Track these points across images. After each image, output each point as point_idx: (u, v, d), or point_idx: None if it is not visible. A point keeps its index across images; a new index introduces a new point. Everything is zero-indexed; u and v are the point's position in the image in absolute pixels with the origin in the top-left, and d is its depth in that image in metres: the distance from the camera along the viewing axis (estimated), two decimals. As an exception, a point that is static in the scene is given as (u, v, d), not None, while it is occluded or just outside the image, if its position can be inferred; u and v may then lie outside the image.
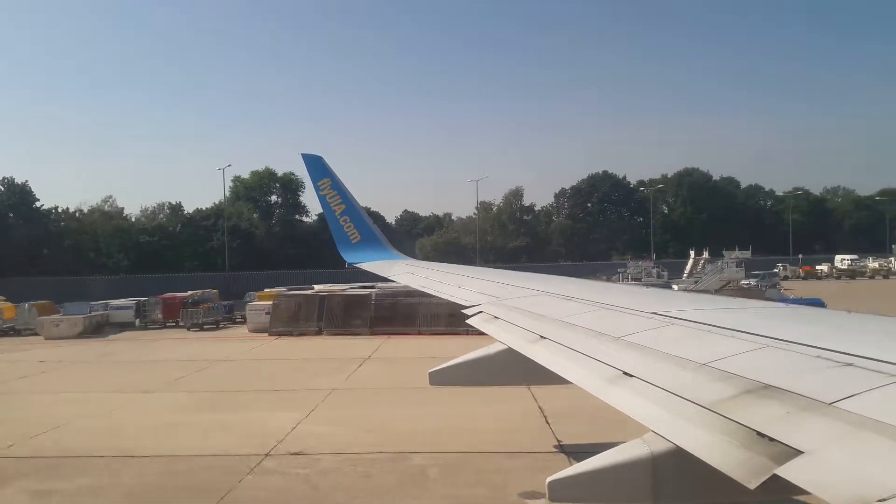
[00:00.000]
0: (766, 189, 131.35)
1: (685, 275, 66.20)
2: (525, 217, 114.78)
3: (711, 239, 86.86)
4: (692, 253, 75.45)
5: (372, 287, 40.78)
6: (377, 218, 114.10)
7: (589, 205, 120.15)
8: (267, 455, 13.92)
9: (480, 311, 7.73)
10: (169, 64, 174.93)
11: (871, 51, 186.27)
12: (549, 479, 4.08)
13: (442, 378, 8.78)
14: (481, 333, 26.73)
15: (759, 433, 2.74)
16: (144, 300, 44.13)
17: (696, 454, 2.91)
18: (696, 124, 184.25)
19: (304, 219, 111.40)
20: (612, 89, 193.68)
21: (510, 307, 7.46)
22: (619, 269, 69.01)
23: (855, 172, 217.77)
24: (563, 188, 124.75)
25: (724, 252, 74.04)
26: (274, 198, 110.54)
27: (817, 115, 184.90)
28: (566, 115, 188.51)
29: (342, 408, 18.32)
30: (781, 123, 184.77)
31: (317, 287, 44.18)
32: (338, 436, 15.30)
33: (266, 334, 35.59)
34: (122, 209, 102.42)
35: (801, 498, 2.84)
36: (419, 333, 33.12)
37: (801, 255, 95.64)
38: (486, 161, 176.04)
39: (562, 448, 13.72)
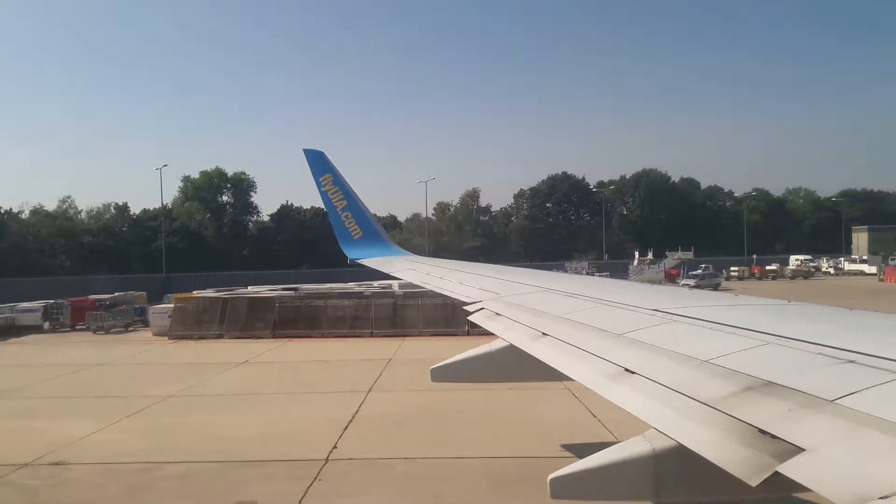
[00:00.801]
0: (726, 190, 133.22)
1: (630, 275, 68.73)
2: (482, 218, 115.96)
3: (670, 239, 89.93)
4: (636, 253, 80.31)
5: (295, 289, 40.57)
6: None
7: (549, 205, 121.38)
8: (25, 465, 13.37)
9: (482, 308, 7.72)
10: (123, 61, 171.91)
11: (839, 52, 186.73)
12: (550, 477, 4.08)
13: (443, 375, 8.79)
14: (386, 336, 29.35)
15: (760, 430, 2.74)
16: (53, 302, 42.52)
17: (697, 451, 2.91)
18: (660, 126, 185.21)
19: (256, 219, 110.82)
20: (573, 91, 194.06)
21: (512, 304, 7.45)
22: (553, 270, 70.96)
23: (817, 174, 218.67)
24: (521, 189, 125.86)
25: (667, 253, 78.14)
26: (225, 198, 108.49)
27: (780, 117, 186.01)
28: (528, 117, 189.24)
29: (158, 416, 17.77)
30: (746, 124, 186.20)
31: (250, 289, 43.37)
32: (119, 445, 14.84)
33: (167, 338, 34.61)
34: (79, 210, 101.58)
35: (803, 495, 2.85)
36: (322, 336, 32.73)
37: (755, 256, 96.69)
38: (446, 163, 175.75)
39: (328, 455, 13.45)
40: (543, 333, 5.57)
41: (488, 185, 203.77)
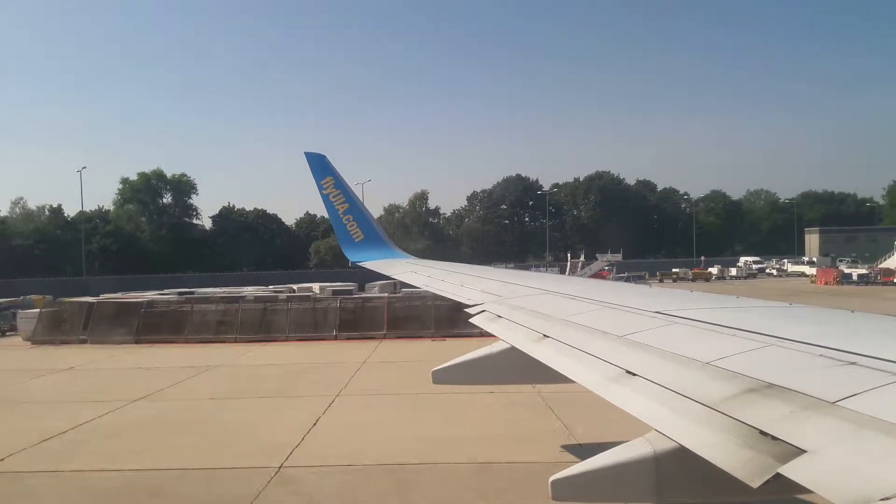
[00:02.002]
0: (681, 192, 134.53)
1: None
2: (431, 220, 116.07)
3: (622, 241, 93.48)
4: (569, 255, 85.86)
5: (191, 293, 40.53)
6: (275, 220, 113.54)
7: (504, 207, 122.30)
8: None
9: (483, 310, 7.73)
10: (67, 59, 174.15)
11: (803, 53, 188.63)
12: (552, 479, 4.08)
13: (445, 377, 8.79)
14: (252, 341, 28.77)
15: (762, 432, 2.74)
16: None
17: (699, 453, 2.91)
18: (625, 129, 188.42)
19: (196, 221, 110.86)
20: (532, 93, 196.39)
21: (513, 306, 7.46)
22: None
23: (779, 176, 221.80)
24: (474, 191, 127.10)
25: (597, 255, 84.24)
26: (166, 200, 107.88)
27: (744, 120, 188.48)
28: (485, 119, 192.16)
29: None
30: (710, 127, 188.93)
31: (149, 294, 42.79)
32: None
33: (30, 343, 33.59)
34: (28, 210, 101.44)
35: (805, 497, 2.85)
36: (186, 342, 31.95)
37: (703, 258, 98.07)
38: (400, 164, 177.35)
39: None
40: (544, 335, 5.57)
41: (446, 188, 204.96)
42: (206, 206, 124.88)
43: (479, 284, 10.04)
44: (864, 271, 73.13)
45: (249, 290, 41.64)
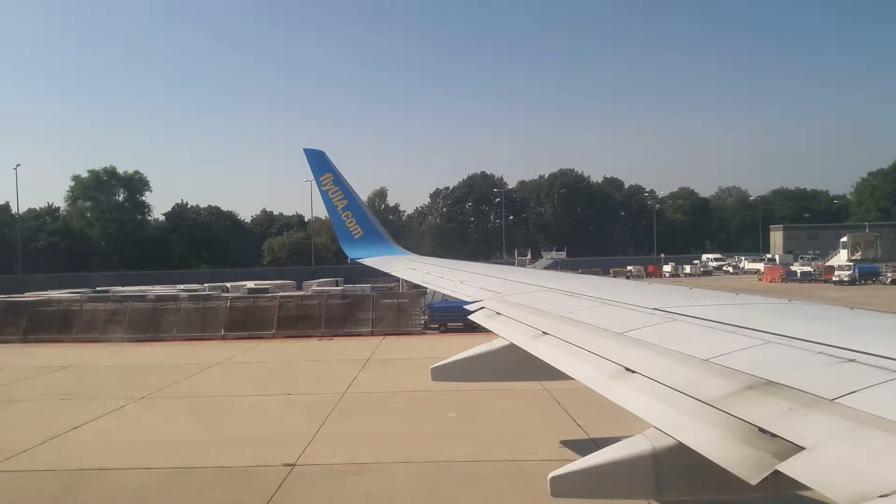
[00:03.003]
0: (647, 190, 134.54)
1: None
2: (391, 217, 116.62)
3: (587, 238, 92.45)
4: (516, 252, 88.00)
5: (105, 292, 40.57)
6: (229, 217, 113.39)
7: (469, 204, 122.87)
8: None
9: (482, 307, 7.72)
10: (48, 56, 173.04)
11: (780, 51, 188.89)
12: (551, 475, 4.08)
13: (444, 374, 8.77)
14: (139, 341, 28.88)
15: (761, 429, 2.74)
16: None
17: (698, 450, 2.91)
18: (598, 127, 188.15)
19: (148, 218, 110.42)
20: (502, 91, 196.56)
21: (513, 303, 7.45)
22: None
23: (751, 173, 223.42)
24: (437, 188, 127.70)
25: (542, 253, 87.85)
26: (119, 197, 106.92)
27: (717, 117, 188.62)
28: (452, 117, 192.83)
29: None
30: (685, 124, 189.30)
31: (54, 292, 42.36)
32: None
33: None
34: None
35: (804, 494, 2.85)
36: (74, 341, 31.82)
37: (662, 255, 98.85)
38: (360, 161, 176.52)
39: None
40: (544, 332, 5.57)
41: (409, 186, 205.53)
42: (160, 204, 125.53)
43: (478, 281, 10.03)
44: (809, 269, 73.96)
45: (165, 288, 41.25)
